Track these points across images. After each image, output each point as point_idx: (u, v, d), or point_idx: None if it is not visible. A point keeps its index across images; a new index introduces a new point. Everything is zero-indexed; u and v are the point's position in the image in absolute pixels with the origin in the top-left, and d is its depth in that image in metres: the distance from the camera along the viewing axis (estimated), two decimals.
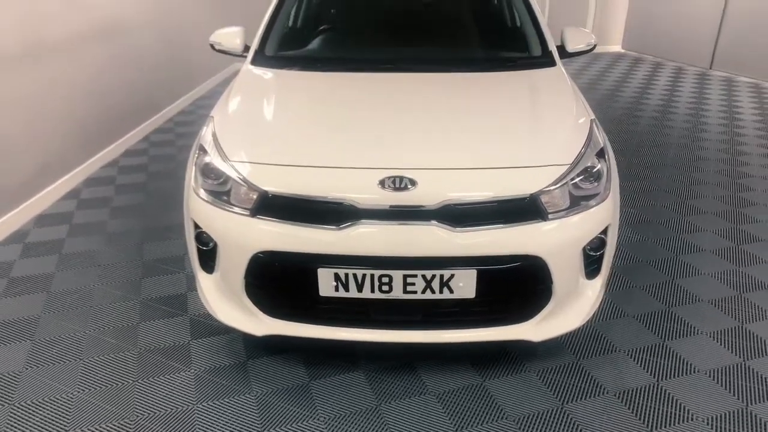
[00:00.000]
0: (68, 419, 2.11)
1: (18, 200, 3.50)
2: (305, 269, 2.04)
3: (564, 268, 2.11)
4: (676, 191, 4.02)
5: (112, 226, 3.49)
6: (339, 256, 2.02)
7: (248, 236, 2.07)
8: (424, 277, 2.03)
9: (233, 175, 2.12)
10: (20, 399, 2.20)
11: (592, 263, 2.28)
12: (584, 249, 2.20)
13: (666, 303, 2.78)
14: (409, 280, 2.03)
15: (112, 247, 3.26)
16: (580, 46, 3.06)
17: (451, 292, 2.06)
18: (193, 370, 2.34)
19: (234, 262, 2.12)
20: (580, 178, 2.14)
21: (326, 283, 2.05)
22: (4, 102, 3.35)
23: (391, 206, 2.00)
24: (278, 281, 2.12)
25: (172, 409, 2.15)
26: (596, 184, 2.20)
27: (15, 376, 2.31)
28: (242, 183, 2.09)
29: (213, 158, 2.20)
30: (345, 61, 2.91)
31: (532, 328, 2.18)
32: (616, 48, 9.65)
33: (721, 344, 2.50)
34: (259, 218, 2.07)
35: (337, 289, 2.06)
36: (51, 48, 3.78)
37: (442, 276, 2.03)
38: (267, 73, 2.81)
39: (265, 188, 2.06)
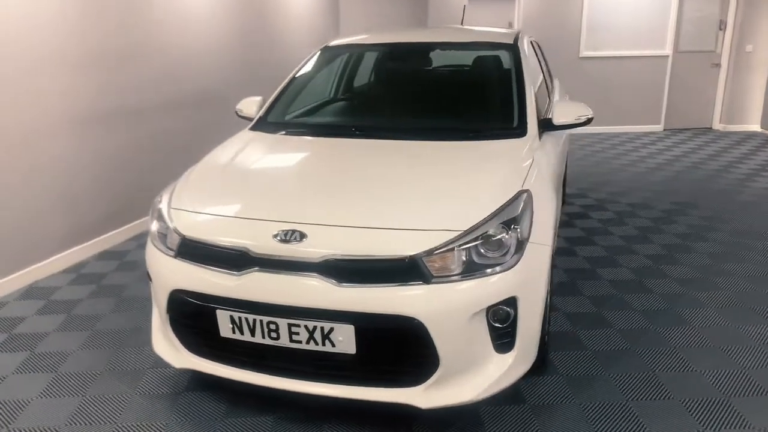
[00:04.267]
0: None
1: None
2: (208, 310, 2.24)
3: (449, 334, 2.08)
4: None
5: None
6: (234, 299, 2.19)
7: (168, 275, 2.33)
8: (306, 327, 2.12)
9: (167, 220, 2.42)
10: None
11: (503, 336, 2.21)
12: (488, 319, 2.16)
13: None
14: (293, 329, 2.14)
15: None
16: (568, 120, 3.02)
17: (333, 345, 2.13)
18: (137, 392, 2.60)
19: (159, 298, 2.38)
20: (477, 245, 2.13)
21: (224, 325, 2.23)
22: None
23: (280, 257, 2.15)
24: (190, 319, 2.34)
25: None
26: (500, 253, 2.16)
27: None
28: (172, 227, 2.38)
29: (163, 204, 2.53)
30: (324, 127, 3.16)
31: (420, 394, 2.15)
32: (755, 127, 8.90)
33: None
34: (178, 259, 2.33)
35: (233, 332, 2.22)
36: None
37: (323, 328, 2.11)
38: (253, 136, 3.12)
39: (184, 233, 2.32)
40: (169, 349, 2.46)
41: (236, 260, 2.20)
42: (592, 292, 3.52)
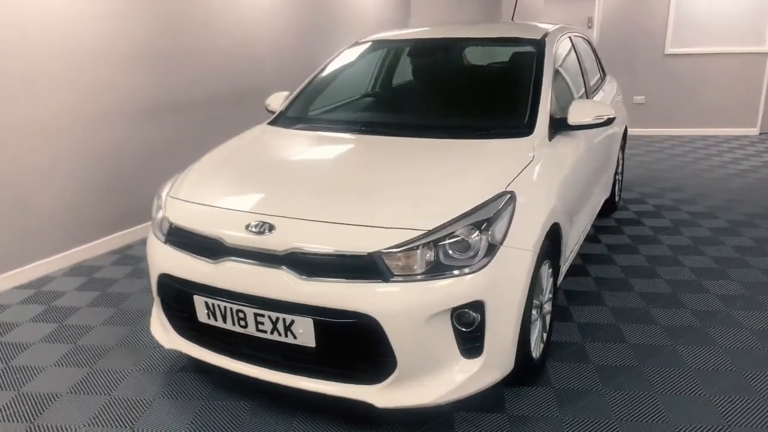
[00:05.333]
0: None
1: None
2: (187, 294, 2.34)
3: (406, 334, 2.05)
4: None
5: None
6: (209, 286, 2.27)
7: (157, 259, 2.46)
8: (270, 318, 2.17)
9: (162, 207, 2.55)
10: None
11: (469, 340, 2.15)
12: (453, 322, 2.11)
13: None
14: (259, 318, 2.19)
15: None
16: (586, 119, 2.87)
17: (294, 337, 2.16)
18: (137, 368, 2.77)
19: (152, 281, 2.52)
20: (444, 246, 2.08)
21: (201, 310, 2.32)
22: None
23: (250, 247, 2.20)
24: (174, 302, 2.45)
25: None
26: (468, 255, 2.10)
27: None
28: (164, 215, 2.50)
29: (164, 192, 2.66)
30: (335, 123, 3.18)
31: (376, 393, 2.14)
32: None
33: None
34: (167, 245, 2.45)
35: (209, 317, 2.31)
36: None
37: (284, 320, 2.15)
38: (264, 130, 3.20)
39: (171, 220, 2.44)
40: (161, 330, 2.59)
41: (213, 249, 2.28)
42: (616, 303, 3.32)
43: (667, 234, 4.42)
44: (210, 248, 2.29)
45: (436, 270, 2.09)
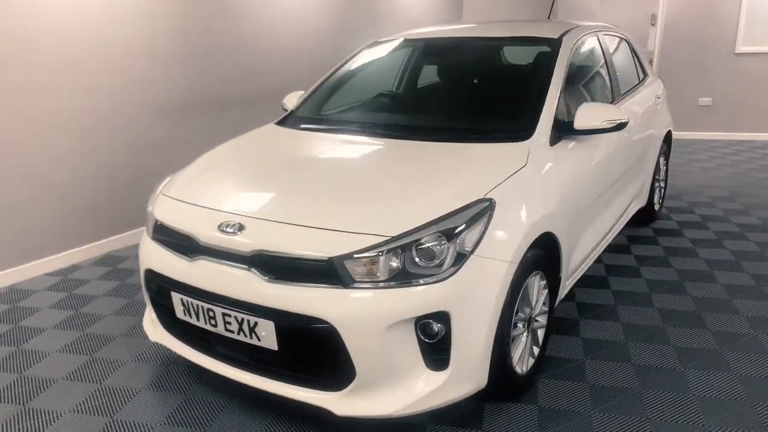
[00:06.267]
0: None
1: None
2: (167, 291, 2.38)
3: (365, 342, 2.00)
4: None
5: None
6: (184, 284, 2.30)
7: (143, 254, 2.52)
8: (236, 318, 2.17)
9: (153, 203, 2.61)
10: None
11: (435, 352, 2.08)
12: (417, 332, 2.04)
13: None
14: (227, 318, 2.20)
15: None
16: (593, 124, 2.71)
17: (258, 339, 2.16)
18: (133, 358, 2.85)
19: (141, 275, 2.58)
20: (411, 253, 2.01)
21: (178, 307, 2.36)
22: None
23: (220, 247, 2.22)
24: (157, 297, 2.50)
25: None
26: (434, 264, 2.02)
27: None
28: (151, 211, 2.56)
29: (158, 189, 2.72)
30: (334, 123, 3.14)
31: (336, 400, 2.10)
32: None
33: None
34: (153, 241, 2.50)
35: (184, 314, 2.35)
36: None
37: (249, 321, 2.15)
38: (268, 130, 3.20)
39: (157, 217, 2.49)
40: (150, 323, 2.66)
41: (189, 247, 2.31)
42: (630, 320, 3.12)
43: (708, 247, 4.13)
44: (187, 246, 2.32)
45: (401, 278, 2.03)
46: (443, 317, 2.03)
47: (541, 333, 2.61)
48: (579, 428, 2.30)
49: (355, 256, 2.01)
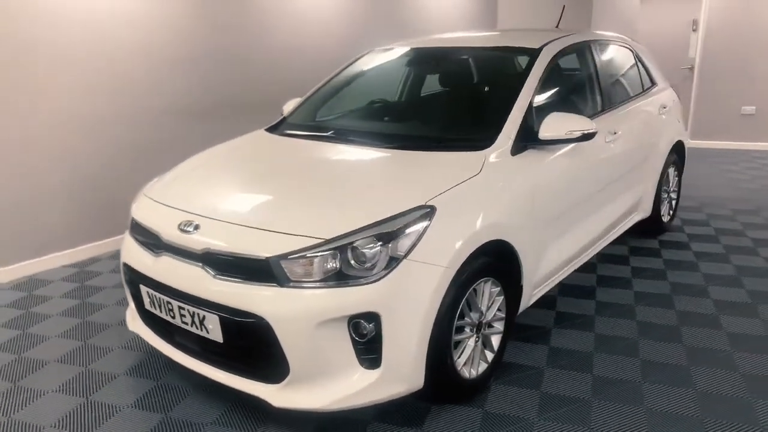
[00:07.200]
0: None
1: None
2: (137, 284, 2.58)
3: (297, 338, 2.11)
4: None
5: None
6: (149, 278, 2.49)
7: (123, 250, 2.73)
8: (189, 311, 2.34)
9: (134, 202, 2.82)
10: None
11: (367, 351, 2.18)
12: (350, 331, 2.15)
13: None
14: (181, 311, 2.37)
15: None
16: (557, 134, 2.74)
17: (207, 332, 2.31)
18: (123, 346, 3.07)
19: (121, 269, 2.80)
20: (346, 255, 2.12)
21: (146, 299, 2.55)
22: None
23: (177, 244, 2.39)
24: (132, 289, 2.70)
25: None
26: (366, 266, 2.12)
27: None
28: (132, 208, 2.77)
29: (144, 189, 2.93)
30: (312, 129, 3.28)
31: (274, 392, 2.22)
32: None
33: None
34: (129, 237, 2.71)
35: (151, 306, 2.54)
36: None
37: (198, 314, 2.31)
38: (254, 135, 3.36)
39: (132, 214, 2.70)
40: (130, 313, 2.87)
41: (155, 243, 2.50)
42: (605, 331, 3.10)
43: (712, 261, 4.01)
44: (154, 243, 2.51)
45: (336, 279, 2.13)
46: (373, 318, 2.12)
47: (496, 339, 2.65)
48: None
49: (290, 256, 2.13)
